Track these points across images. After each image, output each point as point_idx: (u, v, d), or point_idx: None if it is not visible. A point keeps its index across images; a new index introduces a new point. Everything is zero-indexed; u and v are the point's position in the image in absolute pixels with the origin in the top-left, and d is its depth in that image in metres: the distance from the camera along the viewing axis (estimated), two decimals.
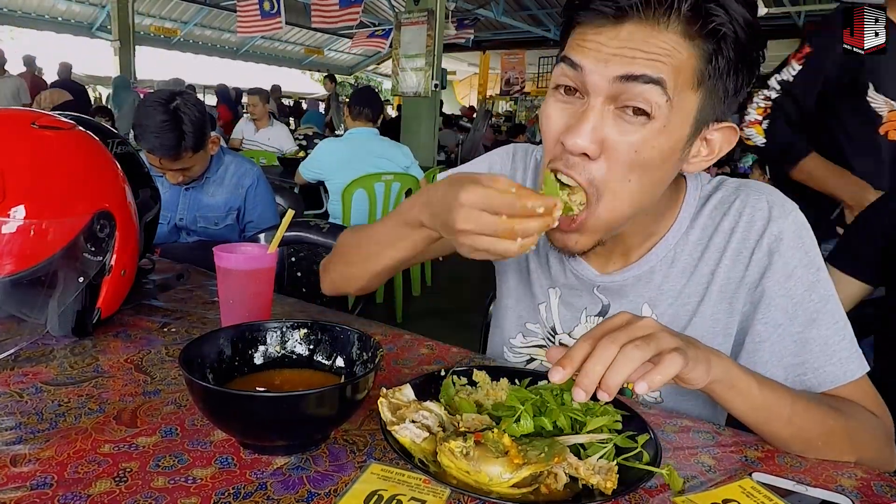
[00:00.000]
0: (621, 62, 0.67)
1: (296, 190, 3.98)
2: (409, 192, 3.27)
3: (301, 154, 5.08)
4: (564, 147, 0.70)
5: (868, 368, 0.79)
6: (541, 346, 0.98)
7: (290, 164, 4.55)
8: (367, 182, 3.03)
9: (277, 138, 5.30)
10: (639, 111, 0.68)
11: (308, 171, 3.20)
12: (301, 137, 5.90)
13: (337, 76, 19.79)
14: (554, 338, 0.95)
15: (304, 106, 11.35)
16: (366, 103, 3.13)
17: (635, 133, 0.68)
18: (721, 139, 0.75)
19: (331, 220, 3.18)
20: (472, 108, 13.71)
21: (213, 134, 1.90)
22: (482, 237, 0.63)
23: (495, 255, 0.63)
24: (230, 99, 9.05)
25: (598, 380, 0.57)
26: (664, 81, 0.66)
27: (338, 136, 4.78)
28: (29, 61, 8.70)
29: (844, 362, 0.78)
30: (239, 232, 2.00)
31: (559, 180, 0.72)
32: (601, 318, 0.90)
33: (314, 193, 4.62)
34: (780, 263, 0.80)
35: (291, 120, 8.33)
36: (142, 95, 8.40)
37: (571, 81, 0.71)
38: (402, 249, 0.81)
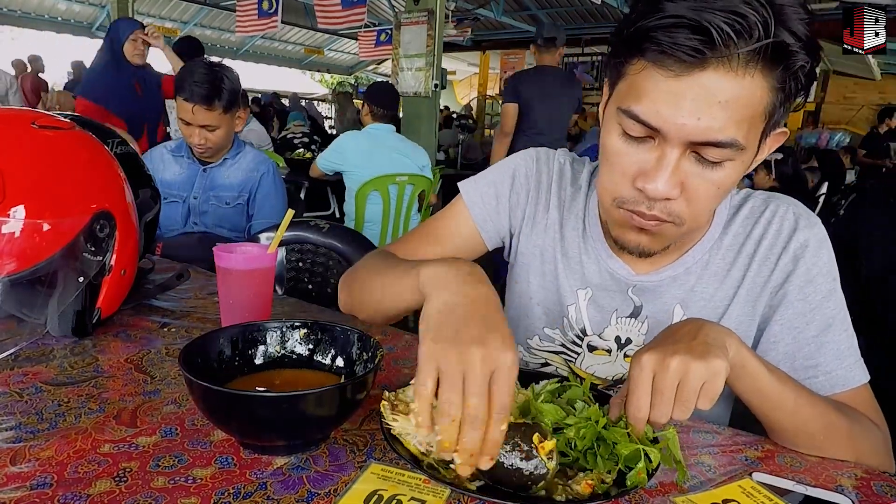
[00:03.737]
0: (701, 125, 0.65)
1: (302, 194, 3.98)
2: (422, 195, 3.28)
3: (308, 155, 5.07)
4: (644, 193, 0.71)
5: (869, 377, 0.82)
6: (557, 353, 0.98)
7: (296, 165, 4.55)
8: (382, 184, 3.04)
9: (251, 135, 5.30)
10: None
11: (327, 162, 3.20)
12: (300, 136, 5.89)
13: (337, 76, 19.81)
14: (582, 340, 0.94)
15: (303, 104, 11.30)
16: (385, 103, 3.17)
17: (715, 173, 0.69)
18: (773, 143, 0.76)
19: (346, 220, 3.19)
20: (468, 106, 13.71)
21: (242, 112, 1.99)
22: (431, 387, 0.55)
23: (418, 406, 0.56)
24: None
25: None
26: (743, 141, 0.67)
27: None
28: (33, 59, 8.68)
29: (853, 368, 0.81)
30: (247, 217, 2.03)
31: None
32: (633, 318, 0.91)
33: (320, 194, 4.62)
34: (803, 269, 0.82)
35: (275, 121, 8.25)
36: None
37: (643, 132, 0.69)
38: (401, 308, 0.82)
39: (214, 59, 2.01)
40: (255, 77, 15.90)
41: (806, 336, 0.82)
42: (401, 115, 6.49)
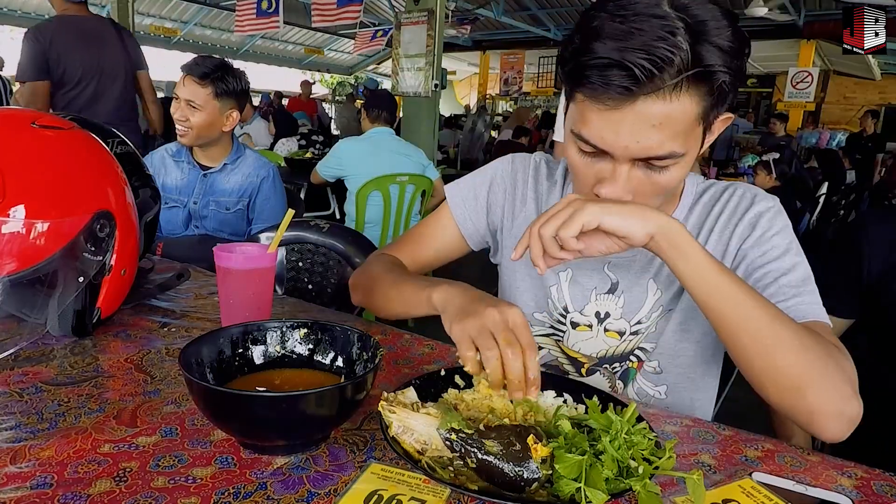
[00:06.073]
0: (641, 146, 0.72)
1: (302, 194, 3.99)
2: (423, 195, 3.28)
3: (308, 155, 5.07)
4: (600, 196, 0.78)
5: (832, 325, 0.82)
6: (548, 335, 1.03)
7: (296, 166, 4.56)
8: (383, 184, 3.04)
9: (255, 133, 5.30)
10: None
11: (327, 168, 3.22)
12: (299, 137, 5.89)
13: (337, 76, 19.81)
14: (566, 317, 1.00)
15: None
16: (383, 106, 3.21)
17: (662, 176, 0.77)
18: (720, 126, 0.81)
19: (347, 221, 3.19)
20: (467, 106, 13.76)
21: (234, 113, 1.96)
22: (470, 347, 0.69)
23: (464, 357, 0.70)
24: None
25: (541, 253, 0.73)
26: (681, 149, 0.74)
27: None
28: None
29: (813, 305, 0.82)
30: (248, 222, 2.03)
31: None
32: (610, 294, 0.97)
33: (320, 194, 4.63)
34: (759, 232, 0.88)
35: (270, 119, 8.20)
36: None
37: (594, 150, 0.76)
38: (415, 312, 0.90)
39: None
40: (255, 77, 15.91)
41: (763, 284, 0.84)
42: (400, 115, 6.48)
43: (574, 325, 0.99)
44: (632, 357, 0.97)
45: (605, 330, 0.97)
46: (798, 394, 0.70)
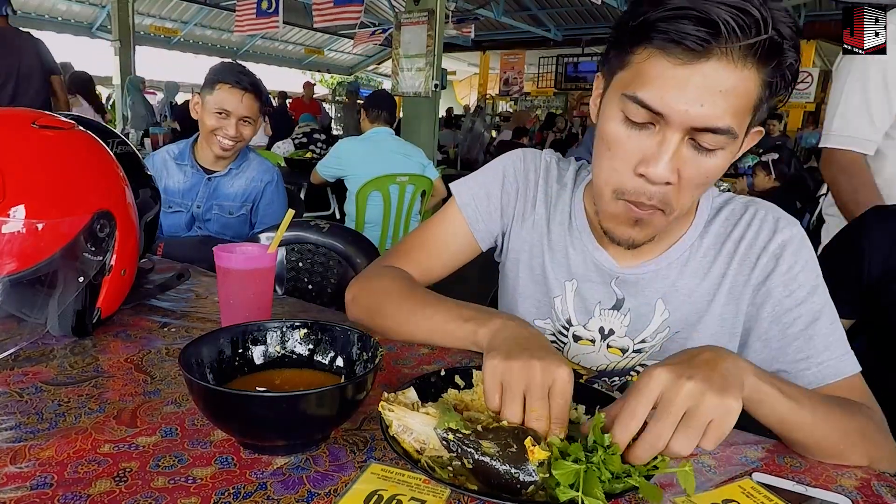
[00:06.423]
0: (703, 111, 0.68)
1: (302, 194, 4.00)
2: (423, 195, 3.29)
3: (308, 155, 5.08)
4: (646, 178, 0.74)
5: (860, 368, 0.83)
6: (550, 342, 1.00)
7: (296, 166, 4.57)
8: (383, 184, 3.05)
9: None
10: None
11: (326, 168, 3.23)
12: (300, 136, 5.90)
13: (337, 76, 19.83)
14: (568, 330, 0.98)
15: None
16: (383, 106, 3.24)
17: (707, 162, 0.73)
18: (750, 141, 0.79)
19: (347, 221, 3.20)
20: (466, 106, 13.80)
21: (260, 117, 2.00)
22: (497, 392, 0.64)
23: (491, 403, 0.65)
24: None
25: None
26: (737, 129, 0.70)
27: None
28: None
29: (843, 358, 0.82)
30: (250, 226, 2.03)
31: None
32: (615, 311, 0.94)
33: (320, 194, 4.64)
34: (784, 266, 0.84)
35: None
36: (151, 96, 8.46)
37: (646, 118, 0.72)
38: (449, 344, 0.86)
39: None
40: None
41: (794, 331, 0.83)
42: (400, 115, 6.47)
43: (576, 338, 0.97)
44: (632, 372, 0.96)
45: (608, 346, 0.95)
46: (843, 459, 0.72)
